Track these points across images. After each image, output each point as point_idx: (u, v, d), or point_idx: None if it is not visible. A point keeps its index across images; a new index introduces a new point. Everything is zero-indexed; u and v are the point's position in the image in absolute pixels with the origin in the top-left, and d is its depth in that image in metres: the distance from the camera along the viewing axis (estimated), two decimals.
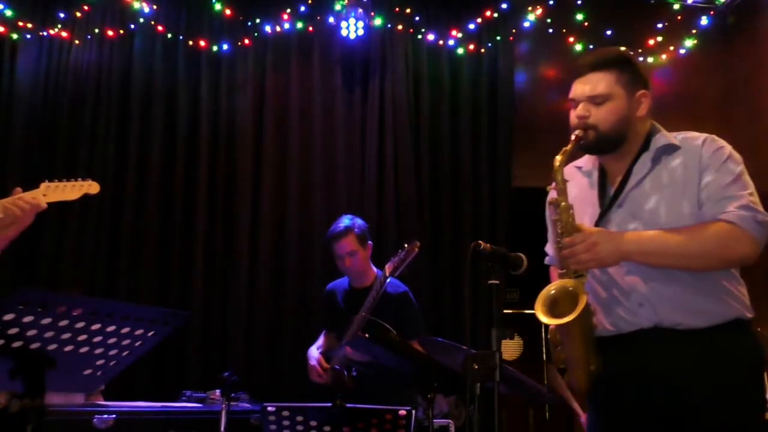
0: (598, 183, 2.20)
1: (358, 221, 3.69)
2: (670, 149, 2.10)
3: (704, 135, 2.11)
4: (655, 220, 2.04)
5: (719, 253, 1.98)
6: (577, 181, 2.22)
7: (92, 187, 3.06)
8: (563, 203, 2.05)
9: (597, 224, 2.12)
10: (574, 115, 2.14)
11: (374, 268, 3.71)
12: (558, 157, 2.06)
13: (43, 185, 2.94)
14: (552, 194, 2.09)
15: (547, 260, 2.39)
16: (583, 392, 2.14)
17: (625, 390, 2.06)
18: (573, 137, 2.09)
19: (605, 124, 2.09)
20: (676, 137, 2.13)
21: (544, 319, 1.97)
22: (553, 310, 2.00)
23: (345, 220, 3.67)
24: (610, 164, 2.20)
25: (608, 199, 2.15)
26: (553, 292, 2.02)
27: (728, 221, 1.96)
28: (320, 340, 3.81)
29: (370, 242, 3.69)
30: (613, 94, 2.09)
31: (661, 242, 1.99)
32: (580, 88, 2.13)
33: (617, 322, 2.09)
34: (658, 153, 2.11)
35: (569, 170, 2.20)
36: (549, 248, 2.36)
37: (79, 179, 3.05)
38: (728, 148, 2.07)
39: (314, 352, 3.69)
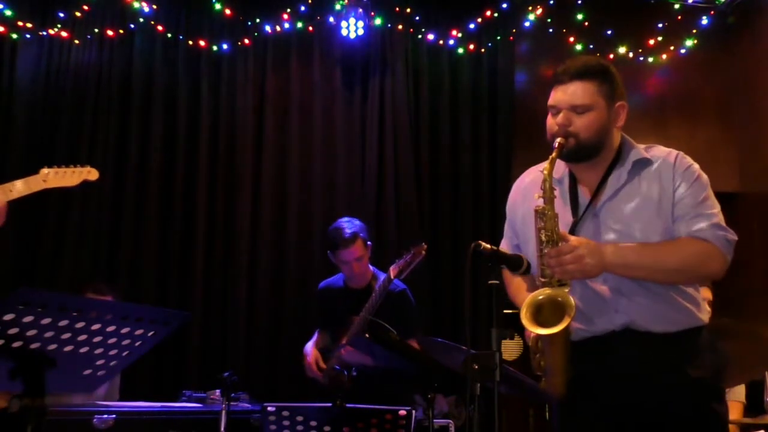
0: (569, 191, 2.21)
1: (358, 223, 3.62)
2: (645, 163, 2.14)
3: (674, 151, 2.16)
4: (630, 231, 2.08)
5: (695, 269, 2.06)
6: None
7: (91, 174, 3.08)
8: (549, 212, 2.06)
9: (571, 232, 2.13)
10: (554, 122, 2.14)
11: (371, 267, 3.69)
12: (546, 166, 2.08)
13: (43, 171, 2.96)
14: (539, 202, 2.09)
15: None
16: (560, 398, 2.15)
17: (596, 389, 2.08)
18: (556, 144, 2.10)
19: (586, 133, 2.10)
20: (647, 151, 2.17)
21: (540, 330, 1.98)
22: (536, 318, 2.01)
23: (348, 225, 3.56)
24: (582, 173, 2.21)
25: (582, 207, 2.16)
26: (541, 297, 2.03)
27: (704, 239, 2.02)
28: (314, 338, 3.80)
29: (369, 242, 3.66)
30: (594, 104, 2.11)
31: (642, 256, 2.04)
32: (562, 96, 2.13)
33: (591, 327, 2.12)
34: (633, 166, 2.14)
35: (538, 176, 2.18)
36: (504, 245, 2.37)
37: (78, 165, 3.07)
38: (696, 166, 2.14)
39: (310, 348, 3.68)
